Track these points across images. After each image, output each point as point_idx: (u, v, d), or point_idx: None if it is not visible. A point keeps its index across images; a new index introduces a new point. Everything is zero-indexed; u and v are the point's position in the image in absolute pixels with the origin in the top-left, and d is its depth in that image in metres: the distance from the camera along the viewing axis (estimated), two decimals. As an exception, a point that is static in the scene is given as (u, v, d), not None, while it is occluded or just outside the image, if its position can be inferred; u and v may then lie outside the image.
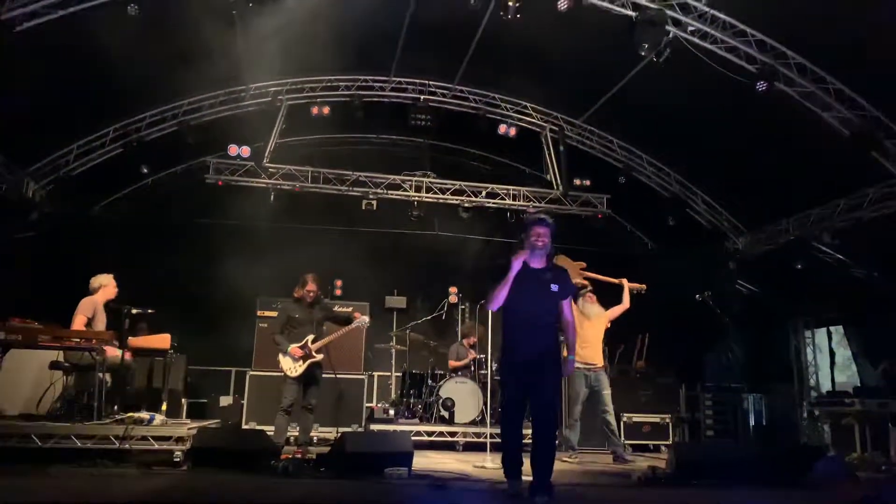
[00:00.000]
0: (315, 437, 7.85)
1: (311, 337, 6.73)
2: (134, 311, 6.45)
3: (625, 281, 7.97)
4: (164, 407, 6.84)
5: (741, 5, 8.11)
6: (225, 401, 9.63)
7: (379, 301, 10.80)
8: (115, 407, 6.09)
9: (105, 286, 6.57)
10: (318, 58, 9.59)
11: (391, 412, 8.96)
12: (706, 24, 8.35)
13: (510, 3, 8.08)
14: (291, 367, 6.64)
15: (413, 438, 6.32)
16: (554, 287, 4.58)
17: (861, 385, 9.70)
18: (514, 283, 4.51)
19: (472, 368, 9.16)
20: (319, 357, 6.75)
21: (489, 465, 6.42)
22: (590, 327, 7.75)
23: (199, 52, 8.40)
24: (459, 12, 8.28)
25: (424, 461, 6.65)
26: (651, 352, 10.03)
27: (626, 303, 7.90)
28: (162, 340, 6.82)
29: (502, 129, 11.39)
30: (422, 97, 11.14)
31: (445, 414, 8.53)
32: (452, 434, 8.30)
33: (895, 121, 8.37)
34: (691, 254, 11.73)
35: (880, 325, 9.80)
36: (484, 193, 11.40)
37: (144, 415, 5.80)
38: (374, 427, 8.14)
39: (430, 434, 8.27)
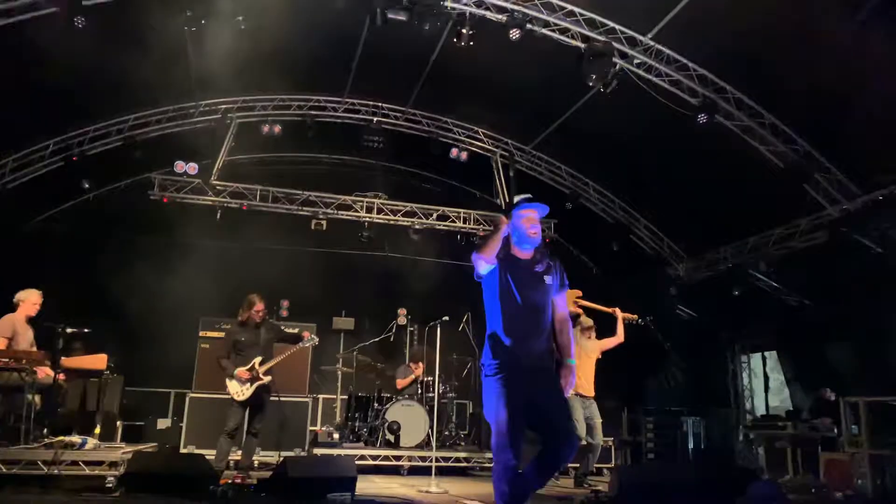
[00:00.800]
0: (257, 462, 7.67)
1: (258, 359, 6.61)
2: (69, 330, 6.23)
3: (618, 311, 7.51)
4: (97, 430, 6.62)
5: (684, 41, 8.46)
6: (163, 423, 9.34)
7: (326, 322, 10.71)
8: (45, 430, 5.85)
9: (24, 301, 6.23)
10: (270, 76, 9.58)
11: (336, 436, 8.84)
12: (651, 57, 8.67)
13: (463, 31, 8.25)
14: (239, 390, 6.51)
15: (357, 462, 6.26)
16: (548, 280, 3.91)
17: (793, 409, 10.05)
18: (501, 277, 3.77)
19: (420, 391, 9.13)
20: (267, 379, 6.63)
21: (434, 489, 6.39)
22: (585, 357, 7.42)
23: (148, 66, 8.26)
24: (414, 37, 8.39)
25: (368, 486, 6.57)
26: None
27: (620, 336, 7.51)
28: (97, 361, 6.60)
29: (454, 152, 11.54)
30: (374, 119, 11.20)
31: (391, 437, 8.46)
32: (398, 458, 8.24)
33: (825, 155, 8.81)
34: (634, 279, 12.01)
35: (811, 350, 10.20)
36: (435, 216, 11.47)
37: (76, 438, 5.59)
38: (318, 451, 8.01)
39: (374, 458, 8.18)
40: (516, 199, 3.97)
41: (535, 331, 3.73)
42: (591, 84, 8.53)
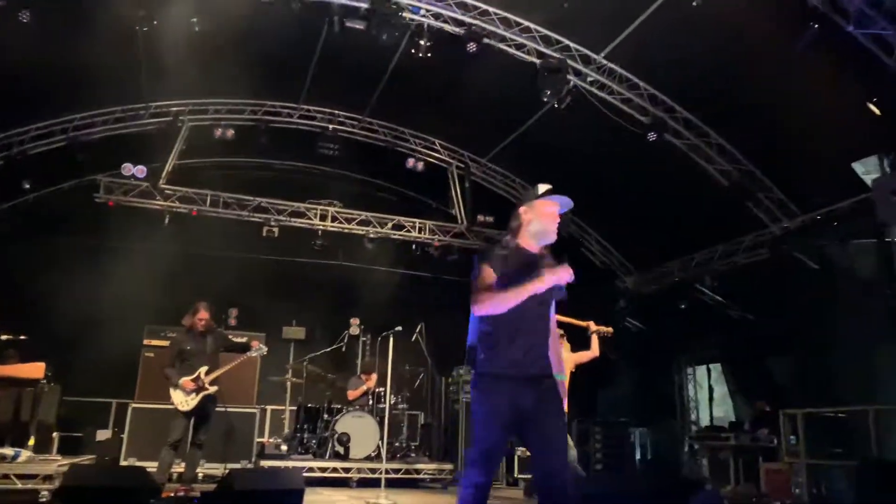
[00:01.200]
0: (201, 474, 7.48)
1: (204, 369, 6.46)
2: (3, 337, 5.98)
3: (591, 324, 6.97)
4: (31, 442, 6.35)
5: (636, 60, 8.70)
6: (103, 435, 9.03)
7: (276, 331, 10.54)
8: (-25, 442, 5.59)
9: None
10: (224, 80, 9.42)
11: (283, 447, 8.69)
12: (604, 75, 8.88)
13: (421, 42, 8.29)
14: (183, 400, 6.34)
15: (305, 475, 6.18)
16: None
17: (736, 420, 10.34)
18: (512, 271, 3.24)
19: (371, 402, 9.06)
20: (213, 389, 6.48)
21: (383, 501, 6.34)
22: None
23: (96, 65, 8.03)
24: (372, 46, 8.38)
25: (316, 498, 6.49)
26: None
27: (594, 350, 7.00)
28: (34, 369, 6.36)
29: (410, 162, 11.56)
30: (330, 126, 11.12)
31: (341, 449, 8.36)
32: (347, 470, 8.14)
33: (767, 175, 9.15)
34: (584, 291, 12.17)
35: (753, 363, 10.51)
36: (390, 225, 11.44)
37: (8, 451, 5.37)
38: (265, 463, 7.87)
39: (323, 470, 8.07)
40: (541, 188, 3.54)
41: (539, 335, 3.27)
42: (545, 100, 8.68)
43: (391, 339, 7.26)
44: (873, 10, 6.56)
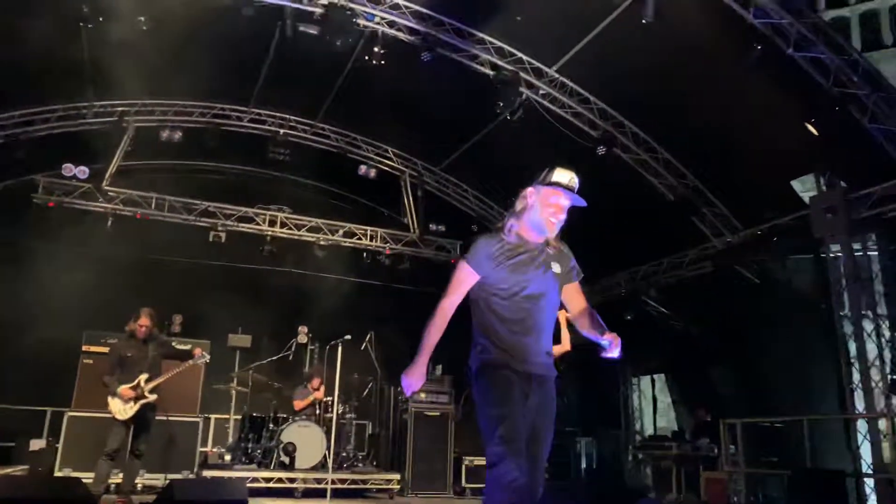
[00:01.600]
0: (140, 485, 7.27)
1: (144, 376, 6.28)
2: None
3: (563, 313, 6.13)
4: (-42, 452, 6.04)
5: (586, 75, 8.88)
6: (36, 444, 8.63)
7: (222, 339, 10.29)
8: None
9: None
10: (172, 80, 9.22)
11: (227, 457, 8.49)
12: (556, 89, 9.03)
13: (375, 49, 8.29)
14: (121, 409, 6.16)
15: (249, 485, 6.05)
16: (556, 268, 3.21)
17: (679, 430, 10.58)
18: (506, 258, 3.05)
19: (319, 412, 8.93)
20: (153, 398, 6.30)
21: (328, 512, 6.26)
22: None
23: (38, 61, 7.77)
24: (325, 51, 8.33)
25: (260, 509, 6.35)
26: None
27: (566, 344, 6.21)
28: (-38, 376, 6.06)
29: (362, 170, 11.48)
30: (282, 131, 10.99)
31: (286, 459, 8.20)
32: (292, 480, 8.00)
33: (712, 191, 9.42)
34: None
35: (695, 373, 10.79)
36: (341, 232, 11.34)
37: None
38: (208, 473, 7.67)
39: (267, 480, 7.90)
40: (556, 174, 3.19)
41: (536, 328, 3.03)
42: (498, 111, 8.78)
43: (340, 348, 7.19)
44: (812, 34, 6.87)
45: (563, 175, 3.18)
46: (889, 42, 24.03)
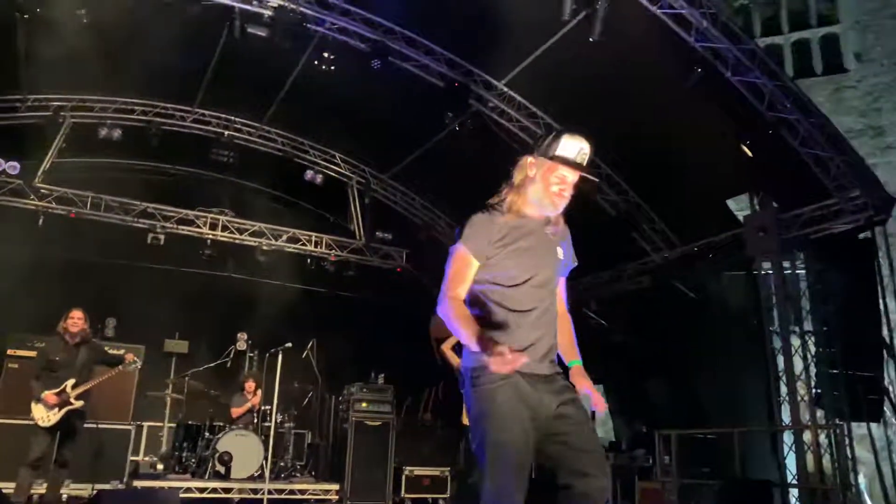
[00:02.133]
0: (65, 495, 6.97)
1: (71, 381, 6.03)
2: None
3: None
4: None
5: (534, 89, 9.01)
6: (-48, 453, 8.18)
7: (157, 344, 9.99)
8: None
9: None
10: (112, 77, 8.94)
11: (160, 467, 8.22)
12: (504, 102, 9.14)
13: (325, 54, 8.23)
14: (44, 415, 5.90)
15: (182, 496, 5.88)
16: (560, 249, 2.77)
17: (615, 440, 10.78)
18: (510, 241, 2.64)
19: (256, 420, 8.74)
20: (79, 404, 6.05)
21: (264, 523, 6.12)
22: None
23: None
24: (273, 53, 8.22)
25: (192, 521, 6.17)
26: (442, 403, 10.32)
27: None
28: None
29: (309, 175, 11.34)
30: (226, 133, 10.77)
31: (221, 469, 8.00)
32: (227, 490, 7.80)
33: (652, 207, 9.69)
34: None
35: (632, 385, 11.02)
36: (285, 237, 11.17)
37: None
38: (138, 483, 7.39)
39: (202, 490, 7.68)
40: (564, 141, 2.63)
41: (545, 320, 2.65)
42: (447, 122, 8.83)
43: (280, 356, 7.07)
44: (748, 60, 7.17)
45: (571, 146, 2.62)
46: (819, 70, 25.33)
